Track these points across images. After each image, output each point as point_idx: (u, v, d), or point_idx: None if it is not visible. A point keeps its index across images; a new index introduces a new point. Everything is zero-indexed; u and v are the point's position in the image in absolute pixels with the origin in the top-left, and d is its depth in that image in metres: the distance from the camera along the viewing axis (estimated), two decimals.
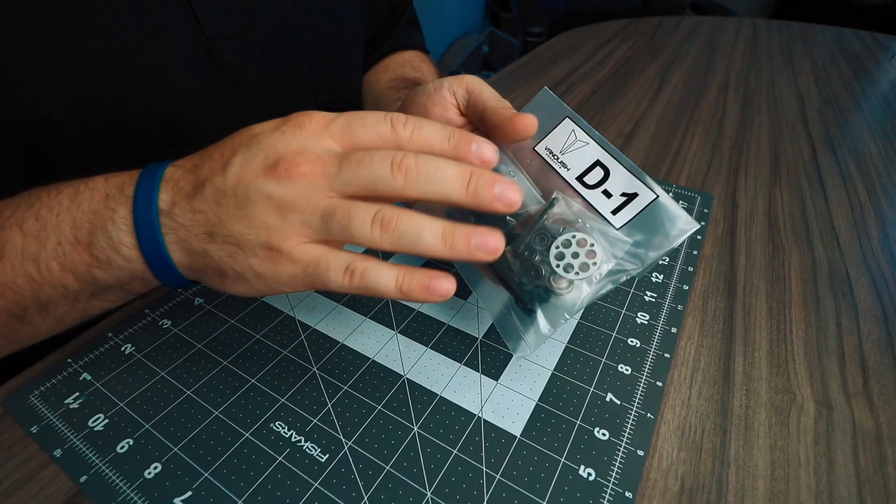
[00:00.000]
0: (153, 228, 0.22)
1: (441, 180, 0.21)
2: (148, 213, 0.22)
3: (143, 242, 0.22)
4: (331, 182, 0.21)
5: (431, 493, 0.23)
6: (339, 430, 0.25)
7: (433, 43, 1.31)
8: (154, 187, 0.22)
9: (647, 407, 0.27)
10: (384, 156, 0.21)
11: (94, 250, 0.23)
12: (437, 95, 0.28)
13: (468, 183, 0.21)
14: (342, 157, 0.21)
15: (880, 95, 0.73)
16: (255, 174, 0.21)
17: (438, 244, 0.20)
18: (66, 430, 0.25)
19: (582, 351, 0.30)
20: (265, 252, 0.21)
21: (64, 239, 0.23)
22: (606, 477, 0.24)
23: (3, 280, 0.23)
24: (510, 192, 0.21)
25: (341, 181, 0.21)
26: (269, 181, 0.21)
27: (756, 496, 0.24)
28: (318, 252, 0.21)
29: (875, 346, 0.32)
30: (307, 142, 0.21)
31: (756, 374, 0.29)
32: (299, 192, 0.21)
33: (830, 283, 0.37)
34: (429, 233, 0.20)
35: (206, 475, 0.23)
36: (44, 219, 0.23)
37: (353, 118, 0.22)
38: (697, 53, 0.87)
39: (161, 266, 0.23)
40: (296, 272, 0.21)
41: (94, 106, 0.29)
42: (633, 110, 0.65)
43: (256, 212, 0.21)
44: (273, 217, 0.21)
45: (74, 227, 0.23)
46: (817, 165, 0.53)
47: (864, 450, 0.26)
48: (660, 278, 0.36)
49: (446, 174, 0.21)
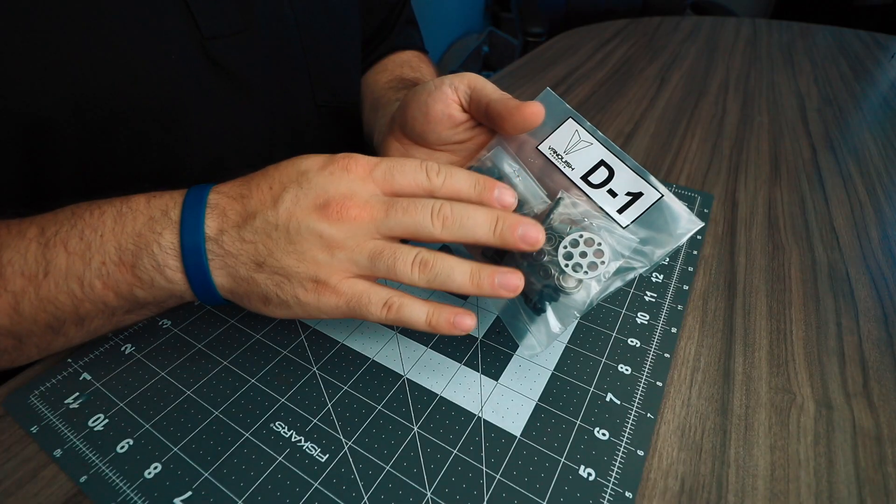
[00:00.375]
0: (200, 254, 0.24)
1: (472, 226, 0.23)
2: (195, 238, 0.23)
3: (189, 267, 0.24)
4: (378, 226, 0.23)
5: (431, 493, 0.23)
6: (339, 430, 0.25)
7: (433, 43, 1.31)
8: (200, 213, 0.24)
9: (647, 407, 0.27)
10: (425, 205, 0.23)
11: (137, 271, 0.24)
12: (438, 92, 0.28)
13: (495, 227, 0.23)
14: (388, 204, 0.24)
15: (880, 95, 0.73)
16: (306, 212, 0.23)
17: (467, 283, 0.23)
18: (66, 430, 0.25)
19: (582, 351, 0.30)
20: (312, 284, 0.23)
21: (108, 259, 0.24)
22: (606, 477, 0.24)
23: (47, 296, 0.24)
24: (532, 231, 0.23)
25: (387, 226, 0.23)
26: (320, 221, 0.23)
27: (756, 496, 0.24)
28: (361, 287, 0.24)
29: (875, 346, 0.32)
30: (354, 186, 0.24)
31: (756, 374, 0.29)
32: (349, 233, 0.23)
33: (830, 283, 0.37)
34: (459, 273, 0.23)
35: (206, 475, 0.23)
36: (88, 238, 0.24)
37: (393, 166, 0.25)
38: (697, 53, 0.87)
39: (203, 289, 0.25)
40: (339, 304, 0.24)
41: (90, 105, 0.29)
42: (633, 110, 0.65)
43: (307, 248, 0.23)
44: (323, 253, 0.23)
45: (119, 249, 0.24)
46: (817, 165, 0.53)
47: (864, 450, 0.26)
48: (660, 278, 0.36)
49: (476, 220, 0.23)
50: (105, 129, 0.31)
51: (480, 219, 0.23)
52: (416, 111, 0.29)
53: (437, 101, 0.28)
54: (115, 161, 0.32)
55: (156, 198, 0.25)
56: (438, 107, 0.28)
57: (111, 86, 0.29)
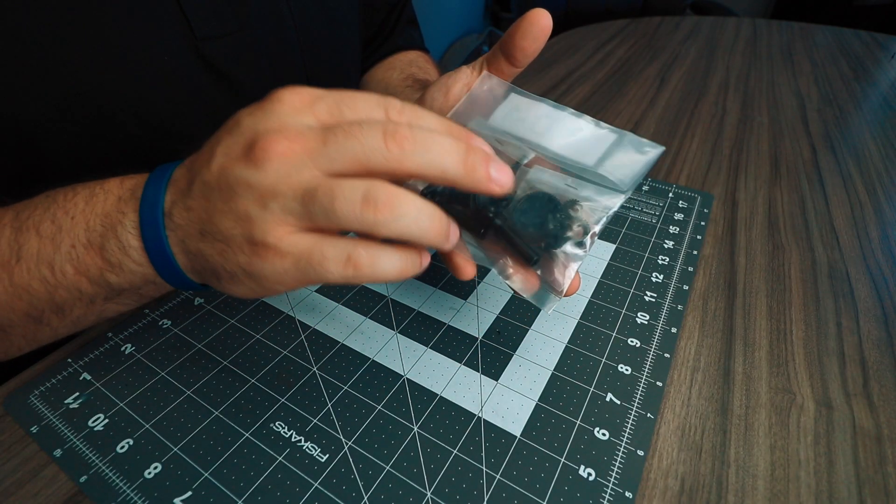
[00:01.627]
0: (157, 230, 0.21)
1: (439, 152, 0.18)
2: (153, 214, 0.21)
3: (148, 245, 0.22)
4: (314, 159, 0.18)
5: (431, 493, 0.23)
6: (339, 430, 0.25)
7: (433, 43, 1.31)
8: (161, 188, 0.22)
9: (647, 407, 0.27)
10: (375, 126, 0.18)
11: (105, 254, 0.22)
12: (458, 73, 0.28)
13: (466, 158, 0.19)
14: (327, 129, 0.19)
15: (880, 95, 0.73)
16: (234, 161, 0.19)
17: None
18: (66, 430, 0.25)
19: (582, 351, 0.30)
20: (250, 247, 0.19)
21: (77, 242, 0.23)
22: (606, 477, 0.24)
23: (20, 283, 0.23)
24: (504, 175, 0.19)
25: (327, 157, 0.18)
26: (247, 166, 0.18)
27: (756, 496, 0.24)
28: (306, 243, 0.19)
29: (875, 346, 0.32)
30: (287, 118, 0.19)
31: (756, 374, 0.29)
32: (279, 175, 0.18)
33: (830, 283, 0.37)
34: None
35: (206, 475, 0.23)
36: (59, 221, 0.23)
37: (342, 98, 0.20)
38: (697, 53, 0.87)
39: (167, 269, 0.22)
40: (286, 267, 0.19)
41: (78, 106, 0.29)
42: (633, 110, 0.65)
43: (239, 203, 0.19)
44: (254, 206, 0.19)
45: (87, 231, 0.22)
46: (817, 165, 0.53)
47: (864, 450, 0.26)
48: (660, 278, 0.36)
49: (444, 146, 0.18)
50: (95, 132, 0.30)
51: (448, 145, 0.19)
52: (435, 91, 0.28)
53: (456, 82, 0.27)
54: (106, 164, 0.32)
55: (130, 178, 0.23)
56: (458, 86, 0.27)
57: (100, 86, 0.29)
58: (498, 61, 0.27)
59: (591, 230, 0.23)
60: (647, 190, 0.47)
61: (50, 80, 0.27)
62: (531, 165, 0.25)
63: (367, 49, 0.53)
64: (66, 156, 0.30)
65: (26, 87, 0.27)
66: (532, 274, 0.24)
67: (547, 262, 0.24)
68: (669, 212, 0.43)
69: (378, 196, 0.18)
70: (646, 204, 0.45)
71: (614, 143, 0.24)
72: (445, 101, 0.28)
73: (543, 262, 0.24)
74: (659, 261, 0.38)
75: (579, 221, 0.23)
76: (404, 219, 0.18)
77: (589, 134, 0.25)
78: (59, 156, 0.30)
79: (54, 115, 0.28)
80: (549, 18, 0.24)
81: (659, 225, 0.42)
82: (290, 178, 0.18)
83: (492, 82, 0.27)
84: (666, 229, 0.41)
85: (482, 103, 0.27)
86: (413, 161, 0.18)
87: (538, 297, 0.24)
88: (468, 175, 0.19)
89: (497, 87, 0.27)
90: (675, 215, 0.43)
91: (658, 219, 0.42)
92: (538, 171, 0.25)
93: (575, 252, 0.23)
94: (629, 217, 0.43)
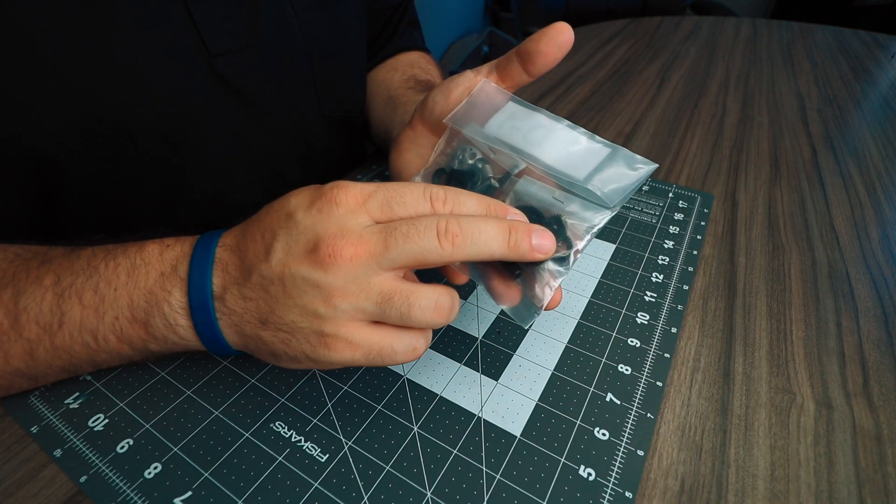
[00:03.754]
0: (208, 313, 0.22)
1: (486, 240, 0.21)
2: (202, 298, 0.22)
3: (199, 325, 0.23)
4: (379, 262, 0.20)
5: (431, 493, 0.23)
6: (339, 430, 0.25)
7: (433, 43, 1.31)
8: (206, 271, 0.22)
9: (647, 407, 0.27)
10: (428, 226, 0.20)
11: (150, 329, 0.23)
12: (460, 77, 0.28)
13: (509, 239, 0.21)
14: (385, 232, 0.21)
15: (880, 95, 0.73)
16: (298, 261, 0.21)
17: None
18: (66, 430, 0.25)
19: (582, 351, 0.30)
20: (318, 339, 0.21)
21: (121, 315, 0.23)
22: (606, 477, 0.24)
23: (61, 345, 0.24)
24: (547, 240, 0.22)
25: (390, 259, 0.20)
26: (314, 269, 0.20)
27: (756, 496, 0.24)
28: (377, 338, 0.21)
29: (875, 346, 0.32)
30: (345, 221, 0.21)
31: (756, 374, 0.29)
32: (348, 277, 0.20)
33: (830, 283, 0.37)
34: (454, 306, 0.22)
35: (206, 475, 0.23)
36: (102, 292, 0.23)
37: (391, 195, 0.22)
38: (697, 53, 0.87)
39: (216, 345, 0.24)
40: (355, 357, 0.21)
41: (98, 126, 0.29)
42: (633, 110, 0.65)
43: (307, 300, 0.21)
44: (323, 305, 0.20)
45: (131, 306, 0.23)
46: (817, 165, 0.53)
47: (864, 450, 0.26)
48: (660, 278, 0.36)
49: (489, 233, 0.21)
50: (113, 150, 0.31)
51: (492, 231, 0.21)
52: (437, 94, 0.28)
53: (458, 85, 0.28)
54: (124, 181, 0.32)
55: (168, 248, 0.24)
56: (459, 89, 0.28)
57: (118, 106, 0.29)
58: (510, 67, 0.27)
59: (574, 247, 0.23)
60: (647, 190, 0.47)
61: (69, 103, 0.28)
62: (521, 176, 0.25)
63: (369, 51, 0.53)
64: (86, 177, 0.31)
65: (47, 111, 0.27)
66: (514, 287, 0.24)
67: (529, 277, 0.24)
68: (669, 212, 0.43)
69: (444, 305, 0.22)
70: (646, 204, 0.45)
71: (607, 158, 0.24)
72: (446, 104, 0.28)
73: (525, 277, 0.24)
74: (659, 261, 0.38)
75: (563, 238, 0.23)
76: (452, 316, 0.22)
77: (582, 147, 0.25)
78: (80, 177, 0.31)
79: (75, 137, 0.29)
80: (572, 34, 0.25)
81: (659, 225, 0.42)
82: (360, 281, 0.20)
83: (490, 89, 0.27)
84: (666, 229, 0.41)
85: (480, 109, 0.27)
86: (463, 253, 0.21)
87: (517, 311, 0.24)
88: (513, 252, 0.21)
89: (495, 94, 0.27)
90: (675, 215, 0.43)
91: (658, 219, 0.42)
92: (526, 183, 0.25)
93: (556, 269, 0.23)
94: (629, 217, 0.43)
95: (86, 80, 0.28)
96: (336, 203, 0.21)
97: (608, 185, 0.24)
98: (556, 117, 0.26)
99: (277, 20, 0.37)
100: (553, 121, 0.26)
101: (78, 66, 0.27)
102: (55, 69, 0.27)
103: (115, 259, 0.24)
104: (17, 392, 0.27)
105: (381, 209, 0.21)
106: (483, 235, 0.21)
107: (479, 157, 0.27)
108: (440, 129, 0.29)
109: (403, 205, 0.22)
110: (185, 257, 0.23)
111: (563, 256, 0.23)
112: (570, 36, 0.25)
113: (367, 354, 0.22)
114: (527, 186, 0.25)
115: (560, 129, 0.25)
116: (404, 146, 0.31)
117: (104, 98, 0.29)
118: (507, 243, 0.21)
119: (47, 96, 0.27)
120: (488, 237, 0.21)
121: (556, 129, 0.25)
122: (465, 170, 0.27)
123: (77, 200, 0.32)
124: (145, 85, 0.30)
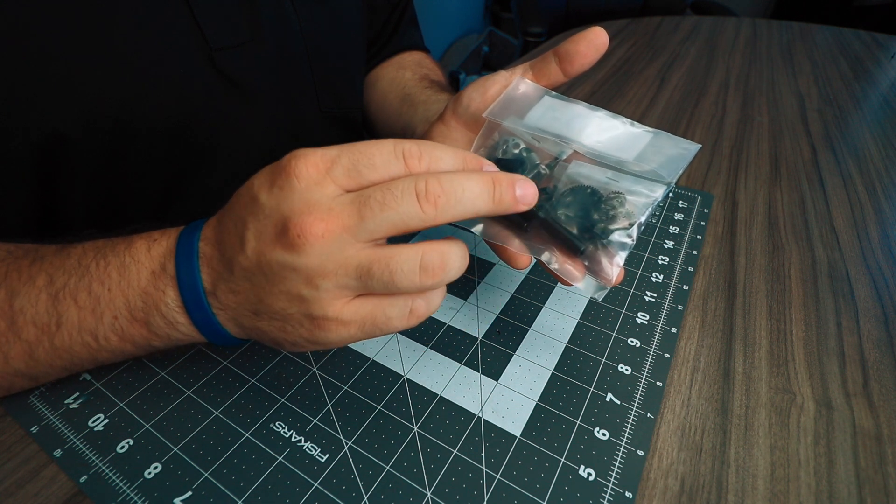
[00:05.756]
0: (204, 311, 0.22)
1: (470, 198, 0.19)
2: (195, 296, 0.22)
3: (198, 322, 0.23)
4: (355, 234, 0.19)
5: (431, 493, 0.23)
6: (339, 430, 0.25)
7: (433, 43, 1.31)
8: (193, 268, 0.22)
9: (647, 407, 0.27)
10: (406, 189, 0.19)
11: (151, 328, 0.23)
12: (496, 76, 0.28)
13: (493, 194, 0.20)
14: (358, 202, 0.19)
15: (880, 95, 0.73)
16: (270, 247, 0.19)
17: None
18: (66, 430, 0.25)
19: (582, 351, 0.30)
20: (310, 321, 0.21)
21: (120, 315, 0.23)
22: (606, 477, 0.24)
23: (61, 346, 0.24)
24: (529, 189, 0.21)
25: (367, 230, 0.19)
26: (287, 252, 0.19)
27: (756, 496, 0.24)
28: (368, 309, 0.20)
29: (875, 346, 0.32)
30: (310, 195, 0.19)
31: (756, 374, 0.29)
32: (322, 255, 0.19)
33: (830, 283, 0.37)
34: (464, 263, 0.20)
35: (206, 475, 0.23)
36: (96, 293, 0.23)
37: (357, 158, 0.20)
38: (697, 53, 0.87)
39: (219, 338, 0.24)
40: (351, 333, 0.21)
41: (101, 120, 0.29)
42: (633, 110, 0.65)
43: (289, 286, 0.20)
44: (305, 288, 0.19)
45: (129, 306, 0.23)
46: (817, 165, 0.53)
47: (864, 450, 0.26)
48: (660, 278, 0.36)
49: (473, 191, 0.19)
50: (116, 145, 0.31)
51: (476, 188, 0.19)
52: (473, 92, 0.28)
53: (494, 83, 0.28)
54: (127, 175, 0.33)
55: (156, 243, 0.24)
56: (496, 87, 0.28)
57: (121, 100, 0.29)
58: (547, 67, 0.27)
59: (636, 220, 0.23)
60: None
61: (71, 97, 0.28)
62: (569, 161, 0.26)
63: (370, 48, 0.54)
64: (89, 170, 0.31)
65: (49, 105, 0.27)
66: (578, 264, 0.24)
67: (593, 253, 0.24)
68: (669, 212, 0.43)
69: (433, 262, 0.19)
70: None
71: (651, 141, 0.25)
72: (483, 101, 0.28)
73: (590, 253, 0.24)
74: (659, 261, 0.38)
75: (624, 212, 0.24)
76: (452, 272, 0.20)
77: (624, 132, 0.25)
78: (82, 171, 0.31)
79: (77, 131, 0.29)
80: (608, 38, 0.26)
81: (659, 225, 0.42)
82: (336, 256, 0.19)
83: (526, 85, 0.28)
84: (666, 229, 0.41)
85: (517, 104, 0.27)
86: (448, 214, 0.19)
87: (585, 287, 0.24)
88: (497, 207, 0.20)
89: (530, 90, 0.28)
90: (675, 215, 0.43)
91: (658, 219, 0.42)
92: (578, 166, 0.25)
93: (622, 241, 0.23)
94: None
95: (88, 74, 0.28)
96: (296, 176, 0.19)
97: (660, 162, 0.24)
98: (593, 107, 0.26)
99: (277, 15, 0.37)
100: (591, 110, 0.26)
101: (80, 60, 0.27)
102: (57, 63, 0.27)
103: (104, 258, 0.24)
104: (17, 392, 0.26)
105: (348, 175, 0.19)
106: (467, 193, 0.19)
107: (523, 147, 0.27)
108: (474, 124, 0.29)
109: (373, 167, 0.20)
110: (171, 254, 0.23)
111: (627, 231, 0.23)
112: (605, 39, 0.26)
113: (361, 328, 0.21)
114: (579, 168, 0.25)
115: (600, 116, 0.26)
116: (437, 140, 0.31)
117: (106, 92, 0.29)
118: (491, 199, 0.20)
119: (49, 90, 0.27)
120: (473, 195, 0.19)
121: (597, 117, 0.26)
122: (511, 158, 0.27)
123: (76, 195, 0.32)
124: (147, 79, 0.30)
